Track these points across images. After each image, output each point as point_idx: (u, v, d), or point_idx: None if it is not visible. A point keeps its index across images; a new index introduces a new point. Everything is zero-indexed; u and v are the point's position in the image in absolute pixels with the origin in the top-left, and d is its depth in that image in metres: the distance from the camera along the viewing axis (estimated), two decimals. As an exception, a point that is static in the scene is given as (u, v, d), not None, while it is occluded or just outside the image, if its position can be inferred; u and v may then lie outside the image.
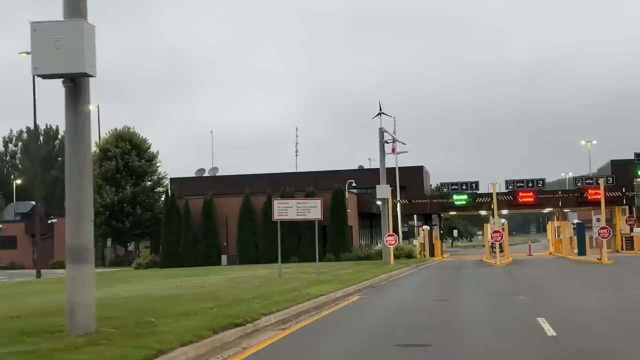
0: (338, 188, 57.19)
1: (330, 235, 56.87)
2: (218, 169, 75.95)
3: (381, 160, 47.40)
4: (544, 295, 21.73)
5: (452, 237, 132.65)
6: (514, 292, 22.64)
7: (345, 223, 57.02)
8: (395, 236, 45.93)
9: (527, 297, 20.70)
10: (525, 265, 43.42)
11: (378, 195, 46.86)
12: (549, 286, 25.58)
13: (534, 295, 21.40)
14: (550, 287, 24.93)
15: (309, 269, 37.14)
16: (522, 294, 21.99)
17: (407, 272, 38.79)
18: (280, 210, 31.08)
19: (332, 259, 54.95)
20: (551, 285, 25.88)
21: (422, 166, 67.71)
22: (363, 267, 40.59)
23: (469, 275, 35.04)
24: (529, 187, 64.74)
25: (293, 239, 56.84)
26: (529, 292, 22.46)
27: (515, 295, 21.62)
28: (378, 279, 30.64)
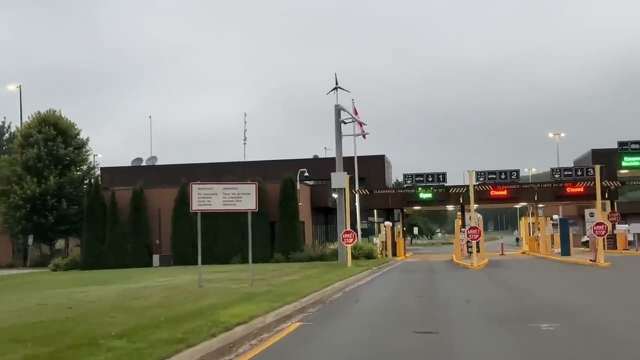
0: (288, 178, 49.40)
1: (279, 233, 49.07)
2: (157, 159, 67.69)
3: (337, 144, 39.76)
4: (578, 320, 14.20)
5: (412, 234, 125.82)
6: (528, 315, 15.07)
7: (296, 218, 49.25)
8: (354, 233, 38.38)
9: (553, 325, 13.17)
10: (508, 268, 36.16)
11: (333, 185, 39.23)
12: (568, 302, 18.04)
13: (562, 320, 13.86)
14: (574, 305, 17.39)
15: (245, 275, 29.35)
16: (541, 317, 14.43)
17: (367, 278, 31.20)
18: (201, 198, 23.18)
19: (280, 259, 47.18)
20: (571, 300, 18.35)
21: (383, 155, 60.31)
22: (314, 270, 32.90)
23: (446, 282, 27.53)
24: (501, 179, 57.60)
25: (236, 236, 48.97)
26: (550, 314, 14.92)
27: (532, 320, 14.02)
28: (330, 289, 22.97)
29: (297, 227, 49.18)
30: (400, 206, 60.60)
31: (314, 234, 56.52)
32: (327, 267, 36.66)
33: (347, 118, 40.15)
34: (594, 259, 36.85)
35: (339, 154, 39.68)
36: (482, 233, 37.74)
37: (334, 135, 39.81)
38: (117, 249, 49.56)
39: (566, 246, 46.05)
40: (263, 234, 48.75)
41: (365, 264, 39.73)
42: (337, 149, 39.72)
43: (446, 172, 58.53)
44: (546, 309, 16.24)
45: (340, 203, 39.82)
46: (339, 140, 39.66)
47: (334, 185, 39.16)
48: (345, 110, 39.77)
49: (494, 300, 19.24)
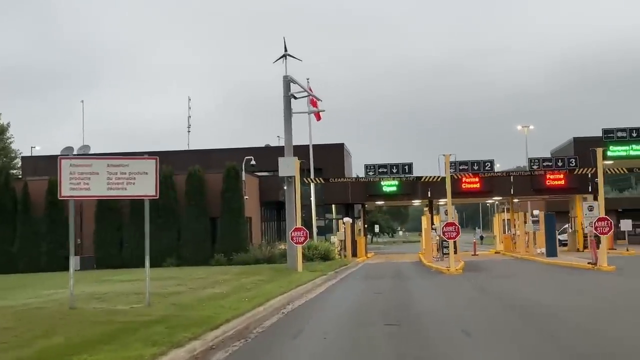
0: (231, 167, 42.13)
1: (220, 230, 41.79)
2: (90, 147, 59.67)
3: (286, 123, 32.63)
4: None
5: (373, 232, 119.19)
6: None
7: (240, 213, 42.01)
8: (305, 231, 31.32)
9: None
10: (493, 274, 29.44)
11: (281, 172, 32.11)
12: (617, 339, 11.16)
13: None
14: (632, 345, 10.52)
15: (160, 285, 22.17)
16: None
17: (320, 288, 24.17)
18: (75, 180, 15.76)
19: (221, 261, 39.94)
20: (616, 334, 11.47)
21: (342, 144, 53.36)
22: (253, 278, 25.79)
23: (424, 296, 20.59)
24: (474, 170, 51.13)
25: (171, 235, 41.63)
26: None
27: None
28: (265, 310, 15.90)
29: (242, 224, 41.95)
30: (361, 201, 53.65)
31: (263, 232, 49.33)
32: (273, 272, 29.57)
33: (298, 92, 33.03)
34: (593, 262, 30.30)
35: (288, 136, 32.59)
36: (459, 231, 30.97)
37: (283, 113, 32.66)
38: (31, 251, 41.84)
39: (553, 246, 39.57)
40: (201, 232, 41.51)
41: (319, 268, 32.78)
42: (286, 130, 32.62)
43: (412, 163, 51.99)
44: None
45: (289, 194, 32.74)
46: (289, 118, 32.55)
47: (282, 172, 32.05)
48: (296, 82, 32.64)
49: (505, 332, 12.32)
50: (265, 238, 49.07)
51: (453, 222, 31.02)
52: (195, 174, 41.89)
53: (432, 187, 51.65)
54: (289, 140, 32.58)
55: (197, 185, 41.82)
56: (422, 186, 51.64)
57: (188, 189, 41.78)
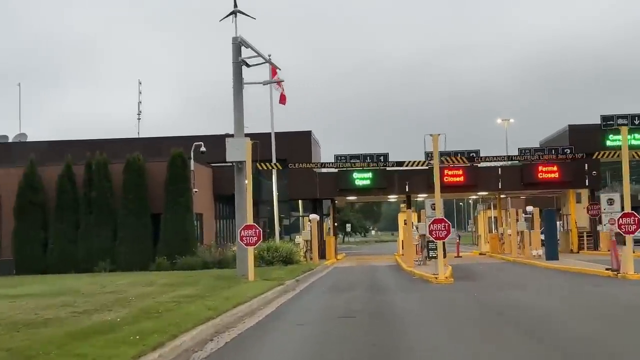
0: (177, 154, 35.42)
1: (164, 228, 35.06)
2: (27, 136, 52.73)
3: (235, 96, 26.01)
4: None
5: (344, 232, 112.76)
6: None
7: (188, 209, 35.31)
8: (258, 230, 24.75)
9: None
10: (496, 284, 23.15)
11: (229, 156, 25.52)
12: None
13: None
14: None
15: (49, 302, 15.55)
16: None
17: (269, 308, 17.65)
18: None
19: (164, 265, 33.31)
20: None
21: (309, 132, 46.87)
22: (182, 292, 19.28)
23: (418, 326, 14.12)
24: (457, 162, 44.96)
25: (105, 234, 34.88)
26: None
27: None
28: (170, 353, 9.34)
29: (190, 221, 35.26)
30: (330, 196, 47.24)
31: (217, 231, 42.66)
32: (215, 281, 23.03)
33: (251, 57, 26.43)
34: (614, 268, 24.13)
35: (238, 113, 26.01)
36: (450, 230, 24.60)
37: (232, 82, 26.05)
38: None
39: (553, 247, 33.45)
40: (141, 231, 34.84)
41: (277, 275, 26.31)
42: (236, 105, 26.02)
43: (388, 153, 45.71)
44: None
45: (239, 184, 26.19)
46: (239, 91, 25.94)
47: (230, 156, 25.46)
48: (248, 45, 26.03)
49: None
50: (221, 238, 42.46)
51: (443, 219, 24.66)
52: (134, 163, 35.14)
53: (411, 180, 45.37)
54: (239, 118, 26.02)
55: (137, 176, 35.10)
56: (400, 179, 45.38)
57: (126, 180, 35.06)
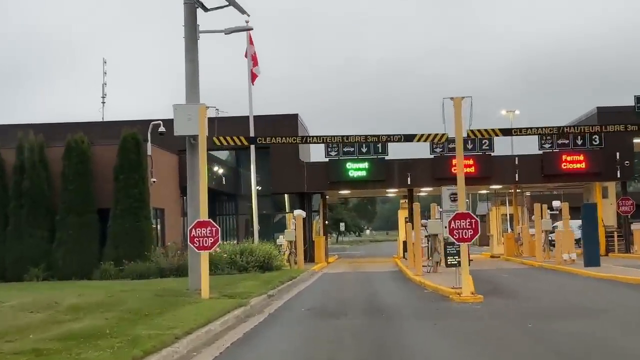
0: (129, 135, 28.31)
1: (113, 227, 27.96)
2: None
3: (188, 46, 18.97)
4: None
5: (338, 231, 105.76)
6: None
7: (143, 203, 28.21)
8: (215, 228, 17.71)
9: None
10: (550, 307, 16.23)
11: (177, 129, 18.48)
12: None
13: None
14: None
15: None
16: None
17: (206, 357, 10.60)
18: None
19: (111, 272, 26.33)
20: None
21: (296, 114, 39.85)
22: (87, 323, 12.31)
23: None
24: (467, 150, 38.07)
25: (40, 233, 27.85)
26: None
27: None
28: None
29: (146, 219, 28.15)
30: (320, 189, 40.34)
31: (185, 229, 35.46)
32: (151, 301, 16.04)
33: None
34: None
35: (191, 67, 18.99)
36: (478, 227, 17.66)
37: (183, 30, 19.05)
38: None
39: (594, 251, 26.52)
40: (84, 230, 27.82)
41: (244, 288, 19.45)
42: (188, 57, 18.99)
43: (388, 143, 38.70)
44: None
45: (192, 165, 19.18)
46: (192, 40, 18.91)
47: (179, 129, 18.44)
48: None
49: None
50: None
51: (468, 213, 17.72)
52: (76, 147, 28.06)
53: (413, 171, 38.69)
54: (192, 75, 18.99)
55: (80, 162, 28.04)
56: (400, 170, 38.57)
57: (66, 167, 28.00)
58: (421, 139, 17.95)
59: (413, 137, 17.99)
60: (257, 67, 32.99)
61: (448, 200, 19.43)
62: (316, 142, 18.43)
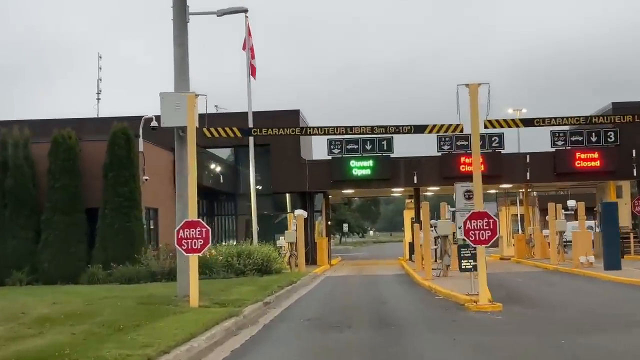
0: (119, 131, 26.48)
1: (102, 228, 26.14)
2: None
3: (177, 31, 17.20)
4: None
5: (342, 232, 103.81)
6: None
7: (135, 203, 26.38)
8: (205, 228, 15.97)
9: None
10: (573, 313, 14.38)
11: (165, 120, 16.74)
12: None
13: None
14: None
15: None
16: None
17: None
18: None
19: (99, 276, 24.59)
20: None
21: (297, 110, 38.05)
22: (48, 339, 10.45)
23: None
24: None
25: (25, 234, 26.17)
26: None
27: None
28: None
29: (136, 218, 26.33)
30: (323, 189, 38.54)
31: (181, 230, 33.68)
32: (133, 310, 14.29)
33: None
34: None
35: (179, 51, 17.20)
36: (498, 228, 15.83)
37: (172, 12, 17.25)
38: None
39: (615, 253, 24.68)
40: (72, 230, 26.03)
41: (238, 294, 17.72)
42: (178, 40, 17.19)
43: (392, 137, 37.08)
44: None
45: (180, 160, 17.45)
46: (181, 20, 17.11)
47: (166, 119, 16.68)
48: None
49: None
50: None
51: (485, 212, 15.88)
52: (63, 142, 26.24)
53: (420, 169, 36.90)
54: (182, 60, 17.20)
55: (67, 159, 26.21)
56: (406, 168, 36.78)
57: (53, 164, 26.19)
58: (433, 130, 16.13)
59: (424, 127, 16.16)
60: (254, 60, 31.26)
61: (462, 198, 17.63)
62: (317, 133, 16.54)
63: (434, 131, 16.17)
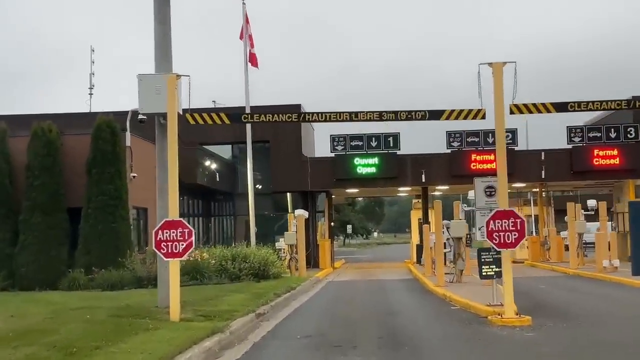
0: (104, 122, 24.21)
1: (85, 229, 23.87)
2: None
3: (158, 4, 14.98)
4: None
5: (345, 233, 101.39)
6: None
7: (121, 202, 24.10)
8: (188, 229, 13.70)
9: None
10: (622, 331, 12.08)
11: (143, 106, 14.55)
12: None
13: None
14: None
15: None
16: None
17: None
18: None
19: (81, 281, 22.31)
20: None
21: (299, 105, 35.76)
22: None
23: None
24: (489, 144, 34.18)
25: (2, 237, 23.97)
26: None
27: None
28: None
29: (123, 219, 24.05)
30: (325, 188, 36.30)
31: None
32: (102, 324, 12.06)
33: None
34: None
35: (161, 29, 14.99)
36: (525, 229, 13.59)
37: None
38: None
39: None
40: (52, 232, 23.75)
41: (228, 304, 15.53)
42: (158, 18, 15.01)
43: (399, 133, 35.00)
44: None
45: (160, 151, 15.26)
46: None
47: (145, 105, 14.49)
48: None
49: None
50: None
51: (512, 211, 13.65)
52: (43, 135, 24.01)
53: (428, 167, 34.70)
54: (163, 39, 15.03)
55: (47, 155, 23.97)
56: (414, 166, 34.58)
57: (32, 160, 23.96)
58: (451, 116, 13.86)
59: (440, 113, 13.91)
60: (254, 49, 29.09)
61: (483, 195, 15.36)
62: (317, 120, 14.23)
63: (452, 117, 13.91)
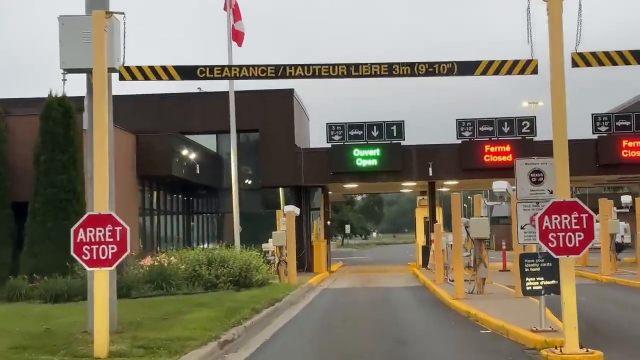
0: (55, 101, 20.10)
1: (32, 228, 19.76)
2: None
3: None
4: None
5: (344, 233, 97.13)
6: None
7: (75, 196, 19.97)
8: (120, 226, 9.62)
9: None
10: None
11: (64, 60, 10.49)
12: None
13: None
14: None
15: None
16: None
17: None
18: None
19: (22, 290, 18.28)
20: None
21: (291, 90, 31.65)
22: None
23: None
24: (503, 134, 30.19)
25: None
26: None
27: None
28: None
29: (77, 216, 19.70)
30: (321, 182, 32.21)
31: (148, 233, 27.27)
32: None
33: None
34: None
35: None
36: (593, 227, 9.62)
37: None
38: None
39: None
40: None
41: (179, 332, 11.35)
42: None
43: (404, 121, 31.02)
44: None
45: (92, 120, 11.10)
46: None
47: (67, 60, 10.45)
48: None
49: None
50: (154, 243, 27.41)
51: (575, 202, 9.66)
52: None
53: (436, 159, 30.64)
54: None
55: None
56: (420, 158, 30.52)
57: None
58: (489, 70, 9.79)
59: (475, 66, 9.85)
60: (240, 22, 24.95)
61: (527, 181, 11.33)
62: (302, 75, 9.96)
63: (491, 71, 9.82)
